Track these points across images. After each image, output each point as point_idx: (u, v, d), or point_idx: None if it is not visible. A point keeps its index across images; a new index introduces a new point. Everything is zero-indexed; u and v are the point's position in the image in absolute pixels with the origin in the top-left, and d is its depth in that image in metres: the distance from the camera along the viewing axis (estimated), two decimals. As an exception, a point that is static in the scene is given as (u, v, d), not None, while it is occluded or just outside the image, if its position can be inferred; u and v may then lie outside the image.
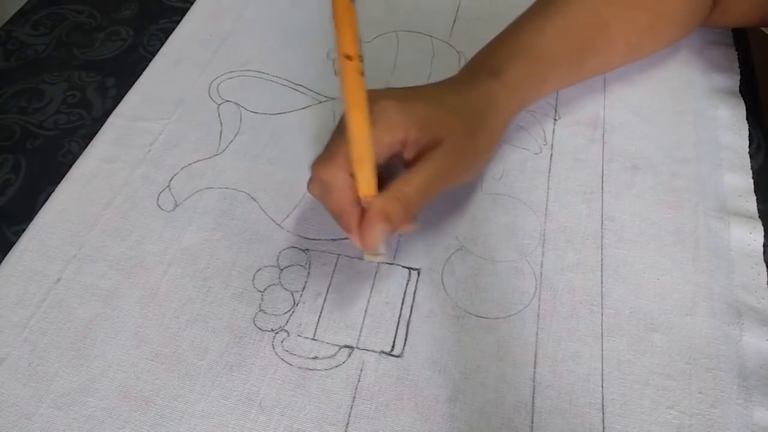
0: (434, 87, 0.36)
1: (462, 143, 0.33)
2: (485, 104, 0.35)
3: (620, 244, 0.36)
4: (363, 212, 0.30)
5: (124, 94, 0.46)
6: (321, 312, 0.34)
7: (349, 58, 0.25)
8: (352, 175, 0.30)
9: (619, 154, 0.41)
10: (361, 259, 0.36)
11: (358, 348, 0.33)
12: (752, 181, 0.39)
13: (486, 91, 0.35)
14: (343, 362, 0.32)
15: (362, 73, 0.26)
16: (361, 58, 0.26)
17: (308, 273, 0.36)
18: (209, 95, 0.46)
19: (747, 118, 0.43)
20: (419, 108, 0.32)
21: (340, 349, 0.33)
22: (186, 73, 0.47)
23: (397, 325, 0.34)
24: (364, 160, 0.29)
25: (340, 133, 0.31)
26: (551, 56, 0.39)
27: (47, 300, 0.35)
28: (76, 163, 0.42)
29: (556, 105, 0.44)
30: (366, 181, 0.30)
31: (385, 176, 0.31)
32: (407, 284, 0.35)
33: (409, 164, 0.32)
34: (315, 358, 0.33)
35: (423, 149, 0.32)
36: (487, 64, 0.38)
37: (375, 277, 0.36)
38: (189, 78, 0.47)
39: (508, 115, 0.37)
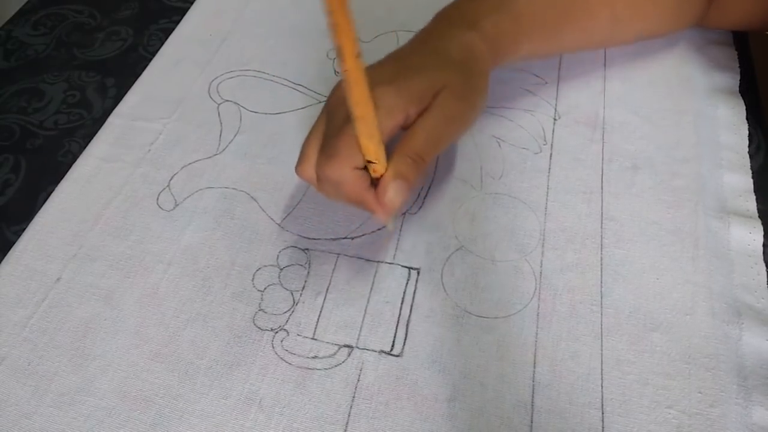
0: (415, 53, 0.36)
1: (460, 86, 0.33)
2: (468, 55, 0.35)
3: (620, 244, 0.36)
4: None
5: (124, 94, 0.46)
6: (321, 311, 0.34)
7: (357, 57, 0.26)
8: (356, 168, 0.31)
9: (619, 153, 0.41)
10: (360, 258, 0.36)
11: (357, 347, 0.33)
12: (752, 180, 0.39)
13: (466, 42, 0.35)
14: (343, 362, 0.32)
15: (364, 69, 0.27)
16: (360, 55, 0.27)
17: (308, 272, 0.36)
18: (209, 95, 0.46)
19: (747, 118, 0.43)
20: (413, 83, 0.32)
21: (339, 349, 0.33)
22: (186, 72, 0.47)
23: (397, 324, 0.34)
24: (379, 143, 0.30)
25: (335, 131, 0.31)
26: (528, 19, 0.38)
27: (47, 299, 0.35)
28: (76, 162, 0.42)
29: (555, 105, 0.44)
30: (383, 161, 0.31)
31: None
32: (407, 284, 0.35)
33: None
34: (315, 357, 0.33)
35: (425, 109, 0.32)
36: (463, 18, 0.37)
37: (375, 276, 0.36)
38: (189, 78, 0.47)
39: (488, 66, 0.37)
